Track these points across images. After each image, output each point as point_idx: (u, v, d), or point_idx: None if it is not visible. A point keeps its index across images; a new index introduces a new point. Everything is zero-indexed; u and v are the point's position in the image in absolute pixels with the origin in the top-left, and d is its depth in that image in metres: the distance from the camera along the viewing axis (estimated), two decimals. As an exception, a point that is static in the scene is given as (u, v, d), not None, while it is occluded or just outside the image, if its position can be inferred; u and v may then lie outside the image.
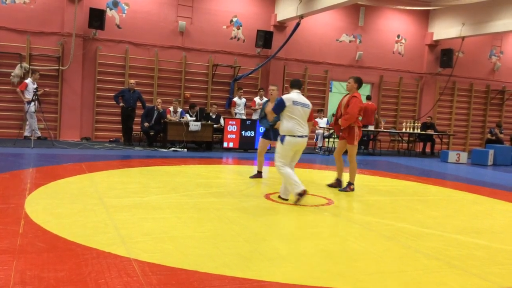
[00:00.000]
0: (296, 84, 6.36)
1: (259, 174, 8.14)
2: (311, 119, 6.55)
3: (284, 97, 6.15)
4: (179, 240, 4.19)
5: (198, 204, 5.78)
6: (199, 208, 5.55)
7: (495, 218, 6.25)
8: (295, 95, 6.21)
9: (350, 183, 7.34)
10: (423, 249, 4.39)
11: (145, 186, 6.72)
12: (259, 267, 3.65)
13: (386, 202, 6.76)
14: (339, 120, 7.36)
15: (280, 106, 6.10)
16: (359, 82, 7.34)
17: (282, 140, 6.12)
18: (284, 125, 6.11)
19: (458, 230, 5.26)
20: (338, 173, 7.63)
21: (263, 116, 7.81)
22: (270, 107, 6.92)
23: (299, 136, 6.09)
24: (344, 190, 7.30)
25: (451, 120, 18.20)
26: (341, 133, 7.45)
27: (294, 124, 6.07)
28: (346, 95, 7.50)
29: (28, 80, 12.05)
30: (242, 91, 13.88)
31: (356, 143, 7.26)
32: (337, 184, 7.57)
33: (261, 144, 8.11)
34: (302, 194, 5.94)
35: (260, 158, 8.15)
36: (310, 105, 6.32)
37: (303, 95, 6.38)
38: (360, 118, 7.30)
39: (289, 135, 6.06)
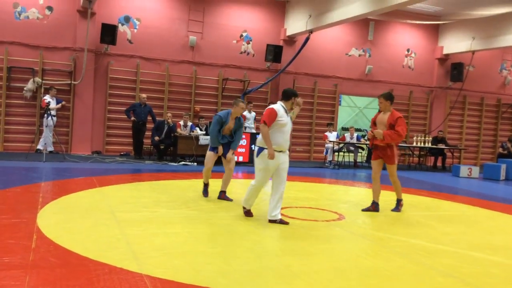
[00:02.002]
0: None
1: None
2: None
3: None
4: (190, 256, 4.18)
5: (209, 219, 5.77)
6: (210, 223, 5.53)
7: (510, 234, 6.17)
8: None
9: (399, 200, 7.12)
10: (438, 266, 4.34)
11: (156, 201, 6.73)
12: (271, 284, 3.62)
13: (398, 217, 6.70)
14: (377, 135, 6.75)
15: None
16: (391, 99, 6.87)
17: None
18: None
19: (472, 246, 5.19)
20: (375, 195, 7.03)
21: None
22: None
23: None
24: (396, 209, 7.04)
25: (462, 134, 18.08)
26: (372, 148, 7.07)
27: None
28: (379, 112, 7.03)
29: (47, 97, 12.22)
30: (252, 105, 13.91)
31: (396, 162, 6.96)
32: (374, 208, 6.97)
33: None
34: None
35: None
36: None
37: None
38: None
39: None
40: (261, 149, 5.70)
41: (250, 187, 5.90)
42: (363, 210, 6.98)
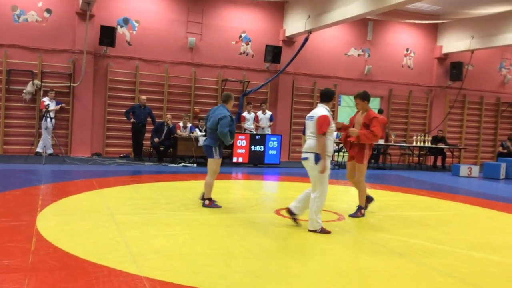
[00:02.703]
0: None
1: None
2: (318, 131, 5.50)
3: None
4: (189, 258, 4.18)
5: (208, 220, 5.77)
6: (209, 225, 5.53)
7: (510, 233, 6.17)
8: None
9: (360, 207, 6.66)
10: (437, 266, 4.33)
11: (156, 202, 6.72)
12: (270, 285, 3.62)
13: (398, 217, 6.69)
14: (352, 133, 6.60)
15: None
16: (367, 98, 6.68)
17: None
18: None
19: (472, 246, 5.19)
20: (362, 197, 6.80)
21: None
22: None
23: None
24: (355, 215, 6.57)
25: (461, 133, 18.07)
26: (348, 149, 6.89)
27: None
28: (357, 112, 6.89)
29: (46, 99, 12.23)
30: (251, 105, 13.90)
31: (366, 162, 6.63)
32: (368, 201, 6.87)
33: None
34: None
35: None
36: (315, 116, 5.61)
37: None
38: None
39: None
40: (319, 156, 5.44)
41: (313, 200, 5.48)
42: (350, 216, 6.65)
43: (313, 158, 5.45)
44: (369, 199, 6.91)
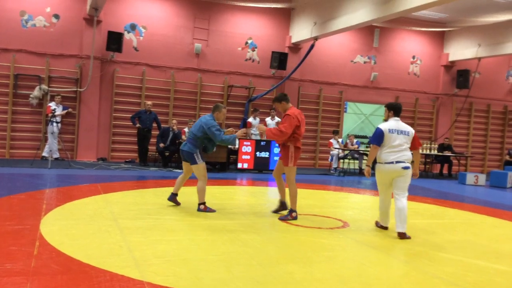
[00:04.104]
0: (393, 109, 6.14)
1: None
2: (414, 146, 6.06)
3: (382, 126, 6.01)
4: (192, 263, 4.16)
5: (211, 226, 5.75)
6: (212, 230, 5.52)
7: (516, 242, 6.10)
8: (392, 122, 6.01)
9: (291, 211, 6.45)
10: (442, 274, 4.29)
11: (159, 207, 6.72)
12: (273, 292, 3.59)
13: (403, 225, 6.63)
14: (259, 129, 6.69)
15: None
16: (284, 99, 6.55)
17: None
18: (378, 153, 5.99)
19: (477, 254, 5.13)
20: (281, 194, 6.83)
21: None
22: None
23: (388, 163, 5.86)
24: (285, 219, 6.36)
25: (468, 141, 17.97)
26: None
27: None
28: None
29: (52, 104, 12.31)
30: (258, 111, 13.90)
31: (291, 164, 6.41)
32: (281, 207, 6.79)
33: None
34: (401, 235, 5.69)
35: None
36: (410, 132, 5.99)
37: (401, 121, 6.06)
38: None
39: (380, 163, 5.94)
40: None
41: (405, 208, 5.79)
42: (273, 211, 6.80)
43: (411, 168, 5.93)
44: (283, 205, 6.78)
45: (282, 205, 6.80)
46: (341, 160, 14.59)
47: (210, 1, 14.19)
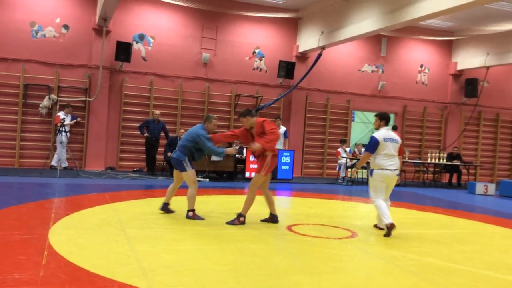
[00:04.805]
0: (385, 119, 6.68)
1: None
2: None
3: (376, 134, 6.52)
4: (200, 273, 4.15)
5: (219, 235, 5.74)
6: (220, 240, 5.51)
7: (527, 253, 6.02)
8: (385, 131, 6.54)
9: (240, 215, 6.48)
10: (451, 285, 4.24)
11: (167, 217, 6.73)
12: (281, 302, 3.57)
13: (412, 235, 6.59)
14: (255, 149, 6.51)
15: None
16: (249, 114, 6.68)
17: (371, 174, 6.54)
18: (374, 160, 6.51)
19: (487, 265, 5.08)
20: (270, 207, 6.80)
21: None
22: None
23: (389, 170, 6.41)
24: (232, 223, 6.41)
25: (477, 150, 17.84)
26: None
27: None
28: (244, 128, 6.90)
29: (61, 113, 12.40)
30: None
31: (263, 173, 6.45)
32: (271, 219, 6.78)
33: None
34: (389, 227, 6.24)
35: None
36: (398, 140, 6.59)
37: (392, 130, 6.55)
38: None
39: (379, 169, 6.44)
40: None
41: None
42: (262, 220, 6.79)
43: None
44: (273, 218, 6.78)
45: (272, 217, 6.78)
46: (349, 169, 14.52)
47: (217, 11, 14.28)
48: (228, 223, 6.46)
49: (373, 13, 11.87)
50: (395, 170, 6.40)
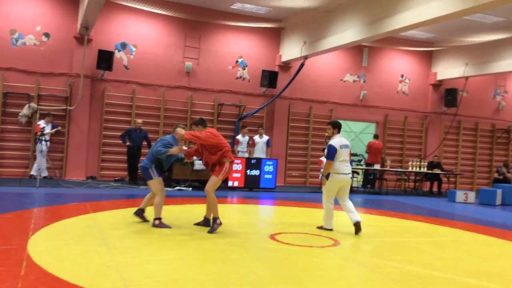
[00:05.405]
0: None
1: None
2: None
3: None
4: (182, 284, 4.11)
5: (202, 245, 5.70)
6: (203, 250, 5.46)
7: (506, 260, 6.11)
8: (339, 139, 7.18)
9: (215, 219, 6.55)
10: (433, 293, 4.27)
11: (149, 226, 6.65)
12: (264, 312, 3.55)
13: (394, 243, 6.64)
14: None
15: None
16: (202, 124, 6.99)
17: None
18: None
19: (468, 273, 5.13)
20: (213, 211, 6.74)
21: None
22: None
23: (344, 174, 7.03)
24: (212, 230, 6.44)
25: (457, 159, 18.12)
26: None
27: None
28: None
29: (41, 122, 12.19)
30: (246, 129, 13.87)
31: (221, 177, 6.66)
32: (203, 222, 6.89)
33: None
34: (327, 230, 7.08)
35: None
36: (349, 146, 7.34)
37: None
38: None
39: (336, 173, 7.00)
40: None
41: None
42: (196, 224, 6.91)
43: None
44: (206, 221, 6.85)
45: (206, 221, 6.86)
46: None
47: (200, 21, 14.30)
48: (209, 232, 6.44)
49: (354, 24, 12.02)
50: (349, 173, 7.08)
